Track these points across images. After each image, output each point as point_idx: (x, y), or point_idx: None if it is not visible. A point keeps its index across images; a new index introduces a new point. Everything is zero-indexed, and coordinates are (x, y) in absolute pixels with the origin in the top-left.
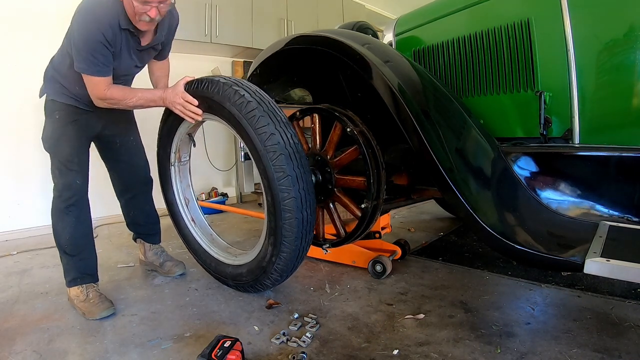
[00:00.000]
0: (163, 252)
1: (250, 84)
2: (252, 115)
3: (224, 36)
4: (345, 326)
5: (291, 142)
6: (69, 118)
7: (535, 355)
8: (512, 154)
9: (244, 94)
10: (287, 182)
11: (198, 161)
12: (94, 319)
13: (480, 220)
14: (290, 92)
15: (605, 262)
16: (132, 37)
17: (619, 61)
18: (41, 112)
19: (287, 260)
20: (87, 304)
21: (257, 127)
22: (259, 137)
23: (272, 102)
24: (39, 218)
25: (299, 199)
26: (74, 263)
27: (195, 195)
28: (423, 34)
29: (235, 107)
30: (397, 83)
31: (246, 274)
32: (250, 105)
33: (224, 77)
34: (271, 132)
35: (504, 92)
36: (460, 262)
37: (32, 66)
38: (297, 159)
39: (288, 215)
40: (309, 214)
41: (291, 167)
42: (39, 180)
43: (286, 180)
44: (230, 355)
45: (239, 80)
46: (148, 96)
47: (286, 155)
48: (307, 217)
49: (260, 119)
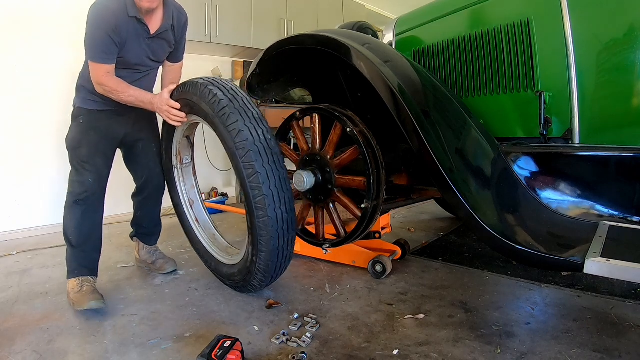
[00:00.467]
0: (156, 251)
1: (227, 82)
2: (223, 113)
3: (224, 36)
4: (345, 326)
5: (262, 138)
6: (90, 124)
7: (535, 355)
8: (512, 154)
9: (217, 92)
10: (257, 180)
11: (198, 161)
12: (82, 309)
13: (480, 220)
14: (290, 92)
15: (605, 262)
16: (140, 25)
17: (619, 61)
18: (41, 112)
19: (267, 261)
20: (79, 294)
21: (227, 125)
22: (230, 134)
23: (246, 99)
24: (39, 218)
25: (270, 197)
26: (76, 255)
27: (201, 196)
28: (423, 34)
29: (209, 106)
30: (397, 83)
31: (237, 274)
32: (221, 103)
33: (204, 78)
34: (240, 128)
35: (504, 92)
36: (460, 262)
37: (32, 66)
38: (268, 155)
39: (261, 213)
40: (285, 211)
41: (261, 164)
42: (39, 181)
43: (255, 177)
44: (230, 355)
45: (215, 80)
46: (140, 97)
47: (255, 151)
48: (282, 215)
49: (230, 116)
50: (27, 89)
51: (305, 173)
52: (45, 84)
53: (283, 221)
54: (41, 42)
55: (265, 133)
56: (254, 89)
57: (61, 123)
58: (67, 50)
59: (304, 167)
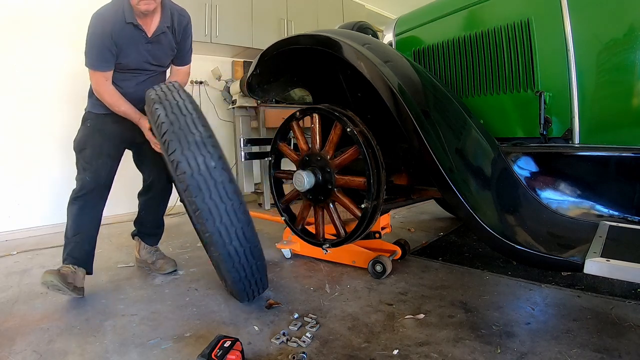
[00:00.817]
0: (157, 251)
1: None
2: (164, 140)
3: (224, 36)
4: (345, 326)
5: (202, 168)
6: (97, 127)
7: (535, 355)
8: (512, 154)
9: (160, 113)
10: (201, 216)
11: None
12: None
13: (480, 220)
14: (290, 92)
15: (605, 262)
16: (138, 31)
17: (619, 61)
18: (41, 112)
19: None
20: (49, 271)
21: (169, 154)
22: (171, 166)
23: (191, 118)
24: (39, 218)
25: (217, 234)
26: (68, 246)
27: None
28: (423, 34)
29: (156, 131)
30: (397, 83)
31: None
32: (163, 127)
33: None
34: (178, 159)
35: (504, 92)
36: (460, 262)
37: (32, 66)
38: (211, 188)
39: (212, 249)
40: (240, 245)
41: (202, 199)
42: (39, 181)
43: (199, 214)
44: (230, 355)
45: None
46: (130, 113)
47: (195, 185)
48: (236, 250)
49: (170, 144)
50: (27, 89)
51: (305, 173)
52: (45, 84)
53: (239, 255)
54: (41, 42)
55: (207, 161)
56: (254, 89)
57: (61, 123)
58: (67, 50)
59: (304, 167)
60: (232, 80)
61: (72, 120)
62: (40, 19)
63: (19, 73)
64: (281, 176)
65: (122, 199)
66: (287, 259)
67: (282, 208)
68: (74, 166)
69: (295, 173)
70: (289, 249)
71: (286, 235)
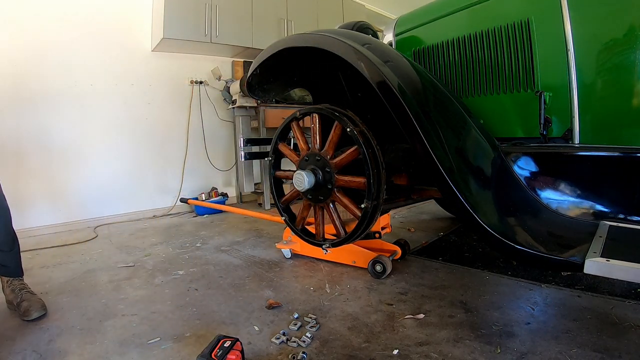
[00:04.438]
0: (23, 288)
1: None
2: None
3: (224, 36)
4: (345, 326)
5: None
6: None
7: (535, 355)
8: (512, 154)
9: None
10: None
11: (198, 161)
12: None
13: (481, 220)
14: (290, 92)
15: (605, 262)
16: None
17: (619, 61)
18: (41, 112)
19: None
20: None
21: None
22: None
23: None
24: (39, 218)
25: None
26: None
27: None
28: (423, 34)
29: None
30: (397, 83)
31: None
32: None
33: None
34: None
35: (504, 92)
36: (460, 262)
37: (31, 66)
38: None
39: None
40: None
41: None
42: (39, 181)
43: None
44: (230, 355)
45: None
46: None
47: None
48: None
49: None
50: (27, 89)
51: (305, 173)
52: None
53: None
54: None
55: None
56: (254, 89)
57: (61, 123)
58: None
59: (304, 167)
60: (232, 80)
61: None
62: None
63: (19, 73)
64: (281, 176)
65: (123, 199)
66: (287, 259)
67: (282, 208)
68: (71, 166)
69: (295, 173)
70: (289, 249)
71: (286, 235)
